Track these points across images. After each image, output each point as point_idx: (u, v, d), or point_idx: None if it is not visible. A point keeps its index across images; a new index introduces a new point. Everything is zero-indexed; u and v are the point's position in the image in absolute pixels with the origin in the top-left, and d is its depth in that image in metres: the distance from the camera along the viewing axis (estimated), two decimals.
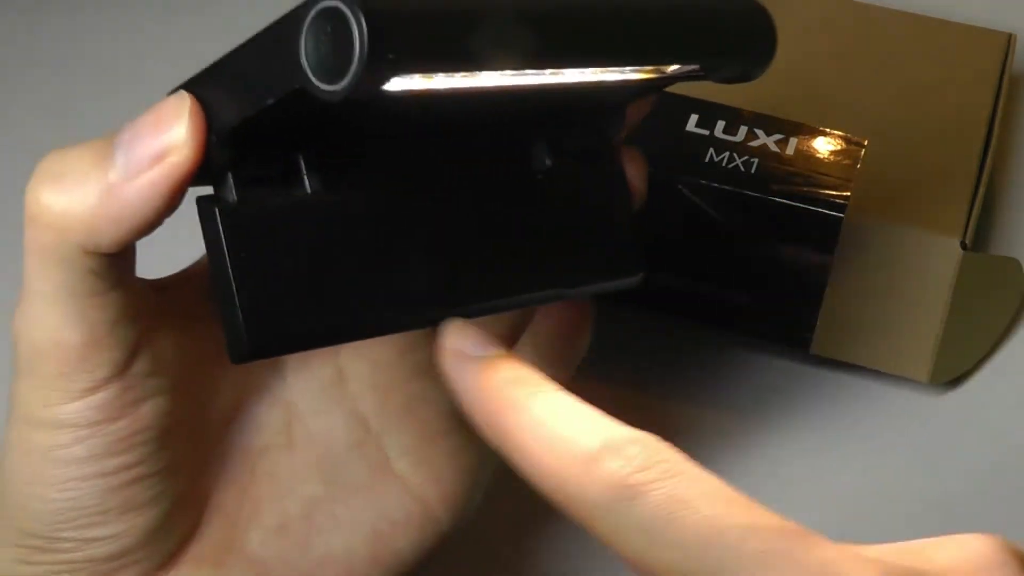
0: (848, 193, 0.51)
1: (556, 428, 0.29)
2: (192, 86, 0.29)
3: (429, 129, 0.33)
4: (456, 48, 0.26)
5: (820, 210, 0.50)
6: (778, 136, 0.53)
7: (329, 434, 0.37)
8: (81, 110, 0.65)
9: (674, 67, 0.33)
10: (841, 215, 0.50)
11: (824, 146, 0.53)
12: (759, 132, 0.53)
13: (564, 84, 0.30)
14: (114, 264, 0.31)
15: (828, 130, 0.54)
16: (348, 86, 0.25)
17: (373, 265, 0.31)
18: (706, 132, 0.53)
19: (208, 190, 0.30)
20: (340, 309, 0.31)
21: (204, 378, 0.35)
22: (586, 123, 0.36)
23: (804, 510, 0.46)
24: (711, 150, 0.52)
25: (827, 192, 0.51)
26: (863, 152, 0.53)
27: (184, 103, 0.29)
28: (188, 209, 0.30)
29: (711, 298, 0.53)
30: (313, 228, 0.30)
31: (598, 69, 0.31)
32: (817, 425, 0.52)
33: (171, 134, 0.28)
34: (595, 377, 0.40)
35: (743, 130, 0.53)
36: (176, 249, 0.36)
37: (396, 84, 0.26)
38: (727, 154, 0.52)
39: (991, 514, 0.49)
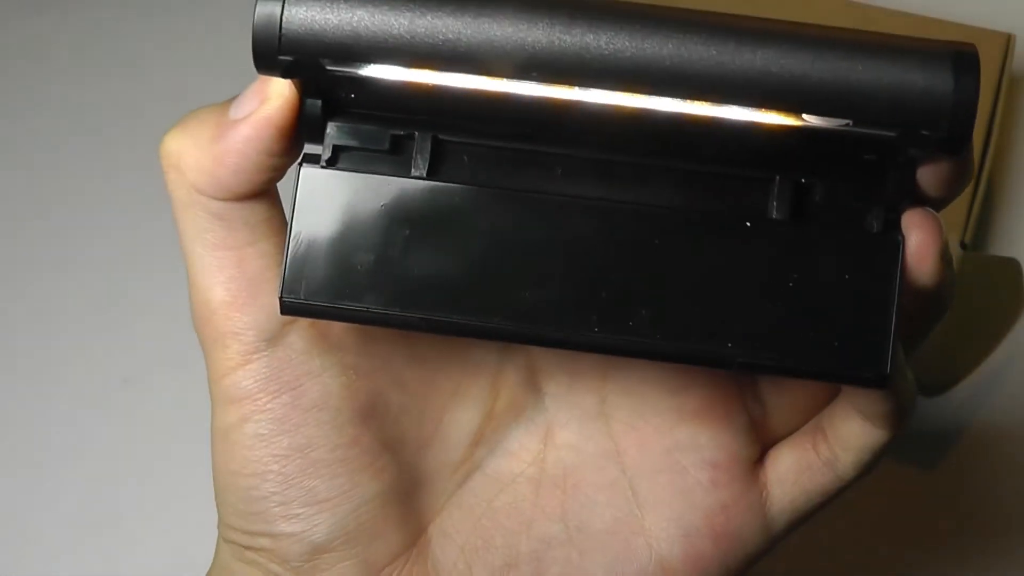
0: None
1: None
2: None
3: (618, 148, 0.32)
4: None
5: None
6: None
7: (581, 470, 0.35)
8: (87, 111, 0.65)
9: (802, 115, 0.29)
10: None
11: None
12: None
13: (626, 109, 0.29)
14: (245, 217, 0.32)
15: None
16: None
17: (455, 262, 0.31)
18: None
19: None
20: (390, 290, 0.31)
21: (401, 374, 0.34)
22: (841, 178, 0.32)
23: None
24: None
25: None
26: None
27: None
28: None
29: None
30: (400, 207, 0.31)
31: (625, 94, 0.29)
32: None
33: (272, 84, 0.31)
34: None
35: None
36: None
37: (371, 71, 0.29)
38: None
39: (991, 514, 0.49)
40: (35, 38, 0.69)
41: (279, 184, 0.32)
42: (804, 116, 0.29)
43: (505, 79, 0.29)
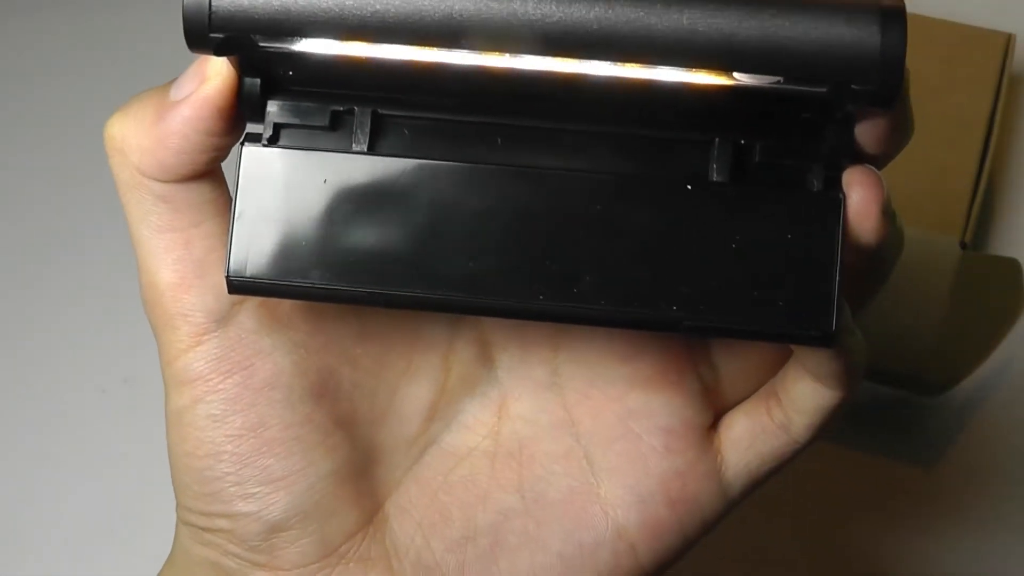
0: None
1: None
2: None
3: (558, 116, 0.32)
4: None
5: None
6: None
7: (536, 441, 0.35)
8: (88, 109, 0.65)
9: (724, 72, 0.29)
10: None
11: None
12: None
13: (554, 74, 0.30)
14: (189, 199, 0.32)
15: None
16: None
17: (398, 233, 0.31)
18: None
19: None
20: (338, 266, 0.31)
21: (352, 351, 0.35)
22: (780, 137, 0.32)
23: (799, 511, 0.46)
24: None
25: None
26: None
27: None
28: None
29: None
30: (342, 181, 0.31)
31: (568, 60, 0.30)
32: None
33: (211, 64, 0.31)
34: None
35: None
36: None
37: (305, 45, 0.29)
38: None
39: (990, 514, 0.49)
40: (30, 36, 0.69)
41: (224, 164, 0.33)
42: (735, 75, 0.29)
43: (436, 49, 0.30)
